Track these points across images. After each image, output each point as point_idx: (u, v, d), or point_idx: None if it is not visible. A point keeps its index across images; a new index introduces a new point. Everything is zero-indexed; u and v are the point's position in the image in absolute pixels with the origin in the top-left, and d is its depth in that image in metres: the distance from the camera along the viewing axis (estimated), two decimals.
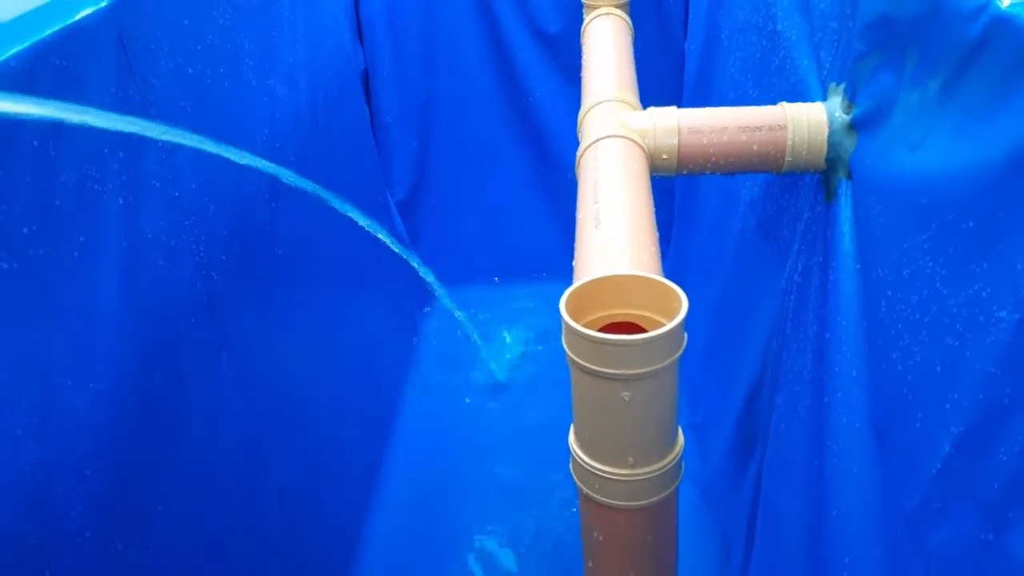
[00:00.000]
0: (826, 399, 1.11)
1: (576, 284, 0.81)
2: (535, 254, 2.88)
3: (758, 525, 1.48)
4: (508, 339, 2.72)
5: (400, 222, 2.75)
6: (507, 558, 2.00)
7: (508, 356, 2.65)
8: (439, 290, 2.18)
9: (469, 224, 2.88)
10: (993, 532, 0.66)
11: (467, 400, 2.51)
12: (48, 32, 0.93)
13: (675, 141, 1.17)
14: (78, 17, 0.99)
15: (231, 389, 1.37)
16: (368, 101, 2.59)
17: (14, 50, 0.87)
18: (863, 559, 0.96)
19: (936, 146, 0.82)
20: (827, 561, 1.07)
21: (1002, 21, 0.70)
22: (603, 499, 0.85)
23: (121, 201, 1.07)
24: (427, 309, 2.85)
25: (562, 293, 0.80)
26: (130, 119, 1.02)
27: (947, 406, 0.73)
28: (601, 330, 0.77)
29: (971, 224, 0.72)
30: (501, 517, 2.10)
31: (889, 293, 0.89)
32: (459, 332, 2.73)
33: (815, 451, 1.14)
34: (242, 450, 1.41)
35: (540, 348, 2.68)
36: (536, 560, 1.99)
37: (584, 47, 1.68)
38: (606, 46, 1.58)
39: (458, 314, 2.48)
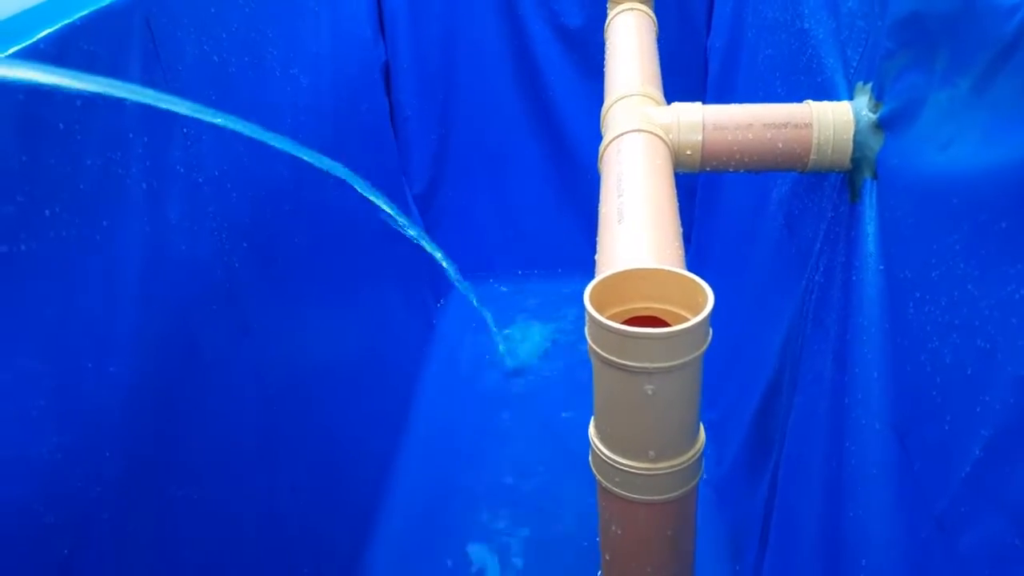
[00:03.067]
0: (846, 400, 1.10)
1: (600, 277, 0.81)
2: (553, 249, 2.88)
3: (773, 525, 1.48)
4: (523, 335, 2.71)
5: (418, 215, 2.75)
6: (518, 552, 2.00)
7: (523, 349, 2.65)
8: (457, 278, 2.17)
9: (487, 218, 2.88)
10: (1020, 537, 0.65)
11: (481, 393, 2.51)
12: (77, 16, 0.93)
13: (699, 137, 1.17)
14: (107, 2, 0.99)
15: (249, 376, 1.38)
16: (388, 94, 2.59)
17: (43, 33, 0.88)
18: (880, 562, 0.96)
19: (967, 146, 0.80)
20: (843, 563, 1.07)
21: None
22: (623, 493, 0.85)
23: (145, 186, 1.07)
24: (442, 302, 2.85)
25: (580, 288, 0.79)
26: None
27: (977, 409, 0.72)
28: (624, 324, 0.77)
29: (1004, 225, 0.71)
30: (513, 510, 2.10)
31: (917, 295, 0.88)
32: (472, 303, 2.72)
33: (833, 452, 1.14)
34: (258, 437, 1.41)
35: (556, 342, 2.67)
36: (545, 554, 1.99)
37: (608, 41, 1.67)
38: (630, 40, 1.58)
39: (462, 285, 2.46)
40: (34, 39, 0.87)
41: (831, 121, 1.12)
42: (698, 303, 0.77)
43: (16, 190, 0.84)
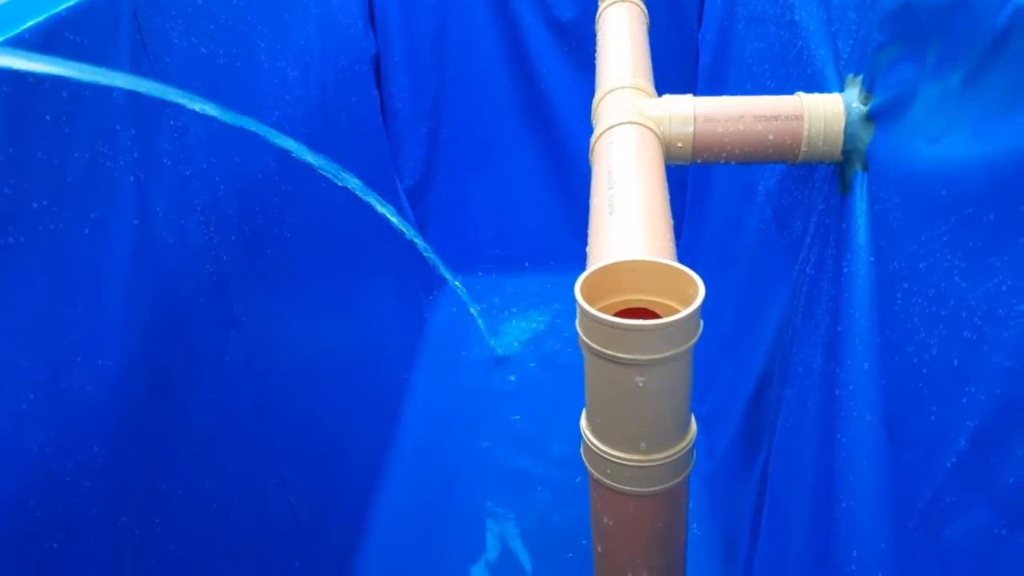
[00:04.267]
0: (836, 392, 1.10)
1: (591, 269, 0.81)
2: (543, 241, 2.88)
3: (763, 518, 1.48)
4: (514, 326, 2.72)
5: (409, 209, 2.74)
6: (516, 540, 2.00)
7: (513, 341, 2.66)
8: (441, 263, 2.17)
9: (478, 212, 2.88)
10: (1007, 527, 0.66)
11: (474, 385, 2.51)
12: (63, 6, 0.92)
13: (690, 129, 1.17)
14: None
15: (239, 370, 1.37)
16: (379, 87, 2.58)
17: (29, 23, 0.87)
18: (871, 553, 0.96)
19: (957, 138, 0.81)
20: (834, 555, 1.07)
21: None
22: (614, 484, 0.85)
23: (133, 178, 1.07)
24: (434, 295, 2.85)
25: (571, 282, 0.79)
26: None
27: (963, 400, 0.73)
28: (615, 315, 0.77)
29: (991, 217, 0.71)
30: (508, 502, 2.11)
31: (905, 286, 0.88)
32: (455, 310, 2.73)
33: (824, 445, 1.14)
34: (248, 431, 1.41)
35: (547, 336, 2.68)
36: (543, 547, 2.00)
37: (599, 34, 1.67)
38: (621, 33, 1.57)
39: (454, 283, 2.46)
40: (20, 29, 0.86)
41: (822, 113, 1.12)
42: (689, 295, 0.77)
43: (3, 183, 0.84)
